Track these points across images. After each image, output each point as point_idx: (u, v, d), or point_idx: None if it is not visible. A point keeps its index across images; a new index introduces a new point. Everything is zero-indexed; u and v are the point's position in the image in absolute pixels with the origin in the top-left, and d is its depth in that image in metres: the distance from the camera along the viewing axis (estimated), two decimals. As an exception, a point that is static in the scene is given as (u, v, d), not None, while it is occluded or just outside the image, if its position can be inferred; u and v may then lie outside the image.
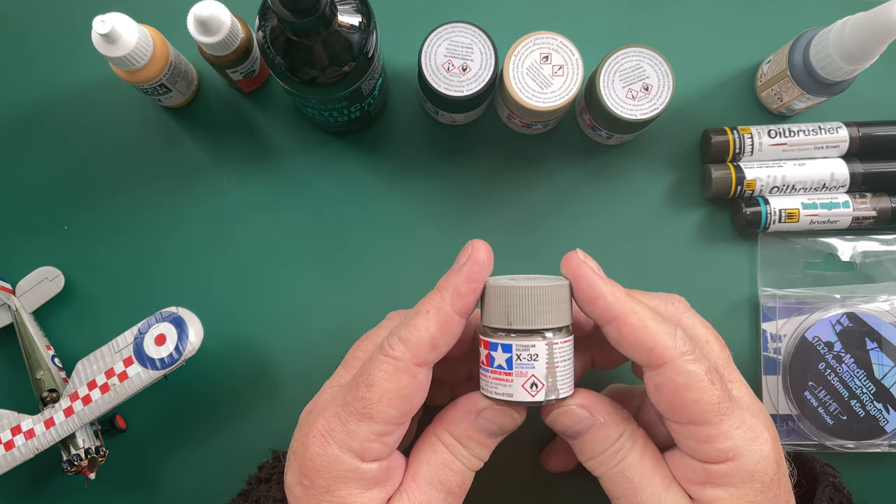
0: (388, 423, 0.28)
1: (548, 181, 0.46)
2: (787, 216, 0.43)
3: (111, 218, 0.46)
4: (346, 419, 0.28)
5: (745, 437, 0.28)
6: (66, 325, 0.45)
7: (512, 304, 0.29)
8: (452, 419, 0.31)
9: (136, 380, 0.39)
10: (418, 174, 0.46)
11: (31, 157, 0.46)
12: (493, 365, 0.30)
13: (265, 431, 0.44)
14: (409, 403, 0.29)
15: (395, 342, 0.29)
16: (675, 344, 0.28)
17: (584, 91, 0.43)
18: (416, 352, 0.28)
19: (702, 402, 0.28)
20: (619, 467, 0.30)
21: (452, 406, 0.31)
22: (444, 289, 0.29)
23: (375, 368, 0.28)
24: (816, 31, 0.41)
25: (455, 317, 0.29)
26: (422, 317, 0.29)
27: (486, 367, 0.30)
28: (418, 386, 0.29)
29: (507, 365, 0.29)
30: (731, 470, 0.28)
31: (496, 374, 0.29)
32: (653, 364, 0.28)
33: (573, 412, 0.30)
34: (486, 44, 0.40)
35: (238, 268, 0.45)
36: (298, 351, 0.44)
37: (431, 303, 0.29)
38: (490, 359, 0.30)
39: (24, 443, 0.40)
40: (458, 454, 0.30)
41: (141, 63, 0.40)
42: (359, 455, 0.28)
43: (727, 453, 0.28)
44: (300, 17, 0.32)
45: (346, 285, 0.45)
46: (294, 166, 0.46)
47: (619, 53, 0.40)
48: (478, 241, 0.30)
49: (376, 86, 0.41)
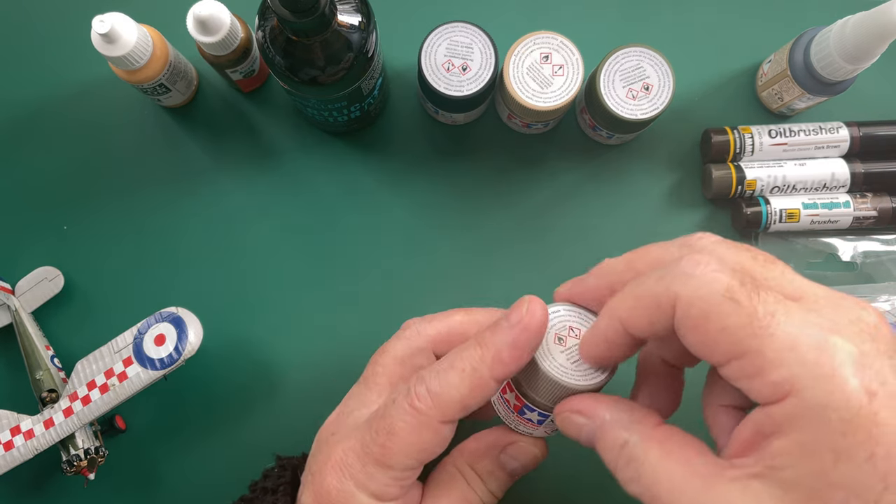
0: (406, 470, 0.28)
1: (548, 181, 0.46)
2: (787, 216, 0.43)
3: (111, 218, 0.46)
4: (365, 461, 0.27)
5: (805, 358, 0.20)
6: (66, 325, 0.45)
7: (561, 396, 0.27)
8: (476, 453, 0.30)
9: (136, 380, 0.39)
10: (418, 174, 0.46)
11: (30, 156, 0.46)
12: (523, 416, 0.29)
13: (265, 431, 0.44)
14: (430, 455, 0.28)
15: (424, 394, 0.27)
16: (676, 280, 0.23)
17: (584, 91, 0.43)
18: (443, 410, 0.26)
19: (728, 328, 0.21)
20: (640, 480, 0.23)
21: (476, 440, 0.31)
22: (486, 347, 0.26)
23: (399, 418, 0.27)
24: (817, 30, 0.41)
25: (491, 382, 0.26)
26: (456, 374, 0.26)
27: (512, 411, 0.30)
28: (441, 440, 0.28)
29: (538, 422, 0.29)
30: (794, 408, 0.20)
31: (524, 422, 0.30)
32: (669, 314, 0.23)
33: (569, 419, 0.27)
34: (486, 43, 0.40)
35: (238, 267, 0.45)
36: (298, 351, 0.44)
37: (469, 360, 0.26)
38: (521, 411, 0.29)
39: (24, 443, 0.40)
40: (478, 489, 0.30)
41: (140, 63, 0.40)
42: (375, 496, 0.28)
43: (783, 386, 0.20)
44: (300, 16, 0.32)
45: (346, 285, 0.45)
46: (294, 166, 0.46)
47: (619, 53, 0.40)
48: (535, 302, 0.26)
49: (376, 86, 0.41)
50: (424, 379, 0.27)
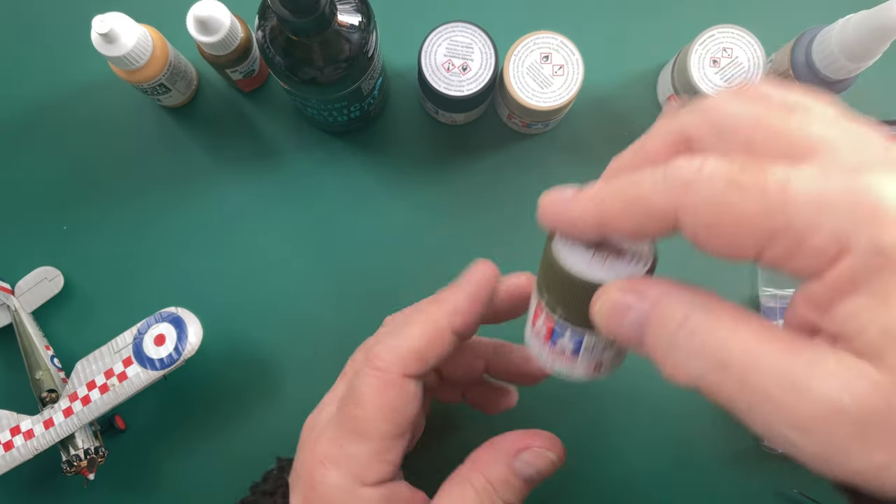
0: (384, 438, 0.27)
1: (548, 181, 0.46)
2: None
3: (110, 218, 0.46)
4: (342, 441, 0.27)
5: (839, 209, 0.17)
6: (66, 325, 0.45)
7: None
8: (487, 461, 0.28)
9: (136, 380, 0.39)
10: (418, 174, 0.46)
11: (30, 156, 0.46)
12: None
13: (265, 432, 0.44)
14: (403, 415, 0.27)
15: (382, 351, 0.27)
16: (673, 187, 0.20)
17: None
18: (404, 363, 0.27)
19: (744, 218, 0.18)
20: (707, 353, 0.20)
21: (487, 447, 0.29)
22: (443, 302, 0.27)
23: (362, 383, 0.27)
24: (817, 29, 0.40)
25: (449, 333, 0.27)
26: (413, 327, 0.27)
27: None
28: (409, 397, 0.27)
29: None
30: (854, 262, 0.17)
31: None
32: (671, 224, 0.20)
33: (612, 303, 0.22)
34: (487, 43, 0.40)
35: (238, 267, 0.45)
36: (298, 351, 0.44)
37: (426, 313, 0.27)
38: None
39: (24, 443, 0.40)
40: (488, 500, 0.28)
41: (140, 62, 0.40)
42: (360, 479, 0.27)
43: (830, 248, 0.18)
44: (300, 16, 0.32)
45: (346, 284, 0.45)
46: (294, 166, 0.46)
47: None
48: (486, 263, 0.28)
49: (376, 86, 0.41)
50: (382, 338, 0.28)
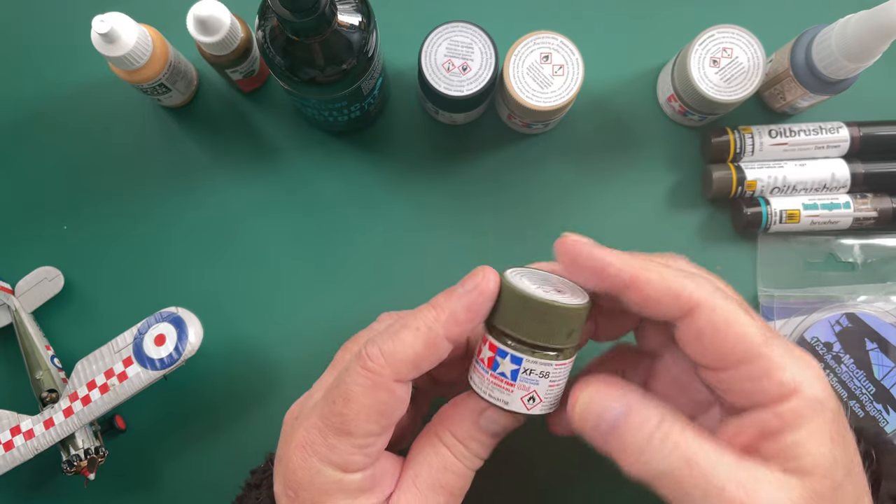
0: (368, 436, 0.27)
1: (548, 181, 0.46)
2: (787, 217, 0.43)
3: (111, 218, 0.46)
4: (326, 433, 0.27)
5: (798, 365, 0.25)
6: (66, 325, 0.45)
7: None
8: (454, 419, 0.30)
9: (136, 380, 0.39)
10: (418, 174, 0.46)
11: (30, 156, 0.46)
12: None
13: (264, 432, 0.44)
14: (389, 417, 0.28)
15: (376, 353, 0.27)
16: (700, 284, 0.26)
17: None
18: (396, 368, 0.27)
19: (747, 335, 0.25)
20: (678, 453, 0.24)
21: (453, 405, 0.30)
22: (441, 308, 0.27)
23: (352, 382, 0.27)
24: (817, 29, 0.41)
25: (444, 342, 0.27)
26: (409, 332, 0.27)
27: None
28: (398, 401, 0.28)
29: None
30: (801, 403, 0.24)
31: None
32: (685, 311, 0.26)
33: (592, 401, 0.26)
34: (487, 43, 0.40)
35: (238, 267, 0.45)
36: (298, 351, 0.44)
37: (423, 319, 0.27)
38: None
39: (24, 443, 0.40)
40: (460, 455, 0.29)
41: (140, 63, 0.40)
42: (341, 467, 0.27)
43: (789, 384, 0.25)
44: (300, 16, 0.32)
45: (346, 285, 0.45)
46: (294, 166, 0.46)
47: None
48: (488, 270, 0.28)
49: (376, 85, 0.41)
50: (376, 340, 0.27)
